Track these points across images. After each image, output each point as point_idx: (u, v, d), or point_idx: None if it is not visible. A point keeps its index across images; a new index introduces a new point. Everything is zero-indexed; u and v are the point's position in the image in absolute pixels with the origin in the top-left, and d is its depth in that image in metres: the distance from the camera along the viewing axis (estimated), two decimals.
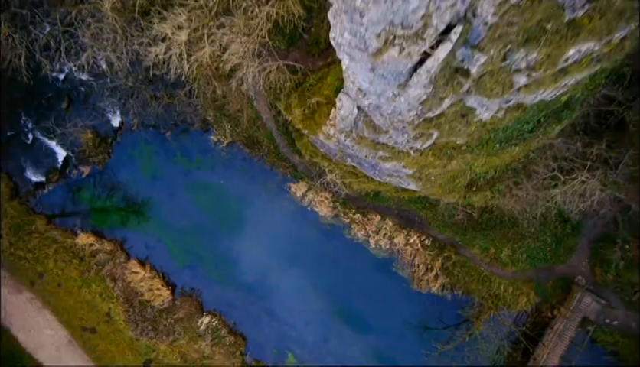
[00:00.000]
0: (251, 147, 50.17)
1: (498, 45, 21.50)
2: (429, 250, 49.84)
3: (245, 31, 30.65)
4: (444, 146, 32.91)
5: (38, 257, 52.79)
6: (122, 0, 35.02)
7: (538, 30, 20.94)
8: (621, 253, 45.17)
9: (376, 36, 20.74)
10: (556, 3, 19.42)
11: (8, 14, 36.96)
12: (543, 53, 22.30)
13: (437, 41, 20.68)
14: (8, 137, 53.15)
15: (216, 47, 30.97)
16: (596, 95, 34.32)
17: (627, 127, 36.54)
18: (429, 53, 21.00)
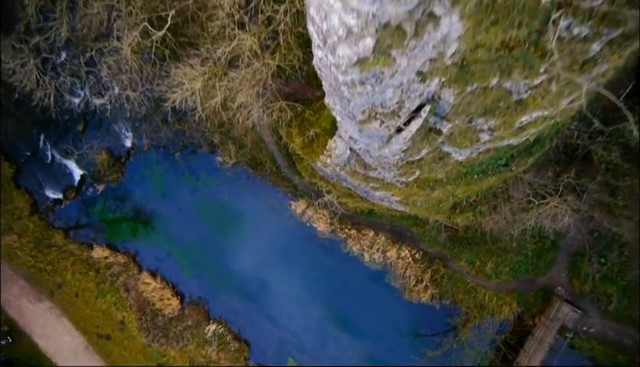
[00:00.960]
0: (254, 168, 53.76)
1: (462, 116, 26.96)
2: (419, 263, 53.47)
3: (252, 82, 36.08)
4: (426, 180, 37.96)
5: (57, 269, 56.37)
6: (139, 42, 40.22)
7: (493, 106, 26.42)
8: (597, 266, 48.79)
9: (361, 112, 26.28)
10: (504, 89, 24.90)
11: (39, 59, 42.39)
12: (500, 121, 27.78)
13: (410, 117, 26.31)
14: (28, 156, 57.06)
15: (226, 94, 36.41)
16: (565, 131, 39.76)
17: (593, 158, 41.97)
18: (405, 127, 26.63)
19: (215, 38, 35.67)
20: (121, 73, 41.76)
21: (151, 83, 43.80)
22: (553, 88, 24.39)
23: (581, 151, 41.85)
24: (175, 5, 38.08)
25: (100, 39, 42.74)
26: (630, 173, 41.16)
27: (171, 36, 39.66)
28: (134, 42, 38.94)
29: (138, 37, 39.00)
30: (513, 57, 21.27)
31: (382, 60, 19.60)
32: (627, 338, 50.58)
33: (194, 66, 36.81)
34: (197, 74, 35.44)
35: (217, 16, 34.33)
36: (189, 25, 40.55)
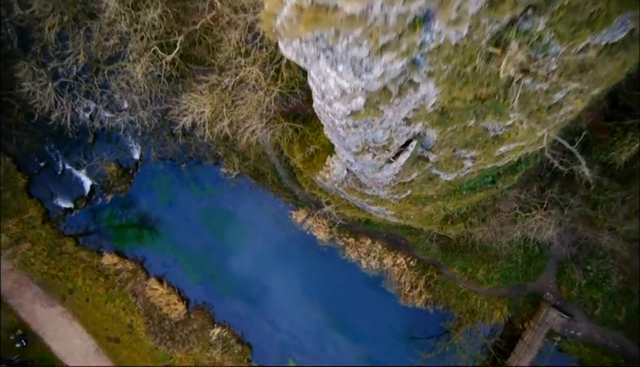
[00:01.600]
0: (257, 179, 57.04)
1: (446, 148, 31.07)
2: (414, 270, 56.69)
3: (256, 107, 40.15)
4: (418, 197, 41.79)
5: (68, 275, 59.56)
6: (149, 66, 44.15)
7: (473, 140, 30.55)
8: (583, 273, 52.29)
9: (355, 146, 30.45)
10: (482, 127, 29.01)
11: (57, 82, 46.46)
12: (480, 152, 31.91)
13: (399, 151, 30.49)
14: (40, 167, 60.43)
15: (232, 119, 40.50)
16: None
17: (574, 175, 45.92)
18: (395, 159, 30.82)
19: (222, 68, 39.53)
20: (132, 92, 45.33)
21: (159, 101, 47.57)
22: (525, 126, 28.42)
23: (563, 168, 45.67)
24: (184, 31, 41.84)
25: (113, 61, 46.44)
26: (610, 188, 44.72)
27: (179, 59, 43.61)
28: (145, 65, 42.72)
29: (148, 60, 42.78)
30: (485, 106, 25.29)
31: (372, 112, 23.72)
32: (612, 341, 53.91)
33: (203, 91, 40.71)
34: (205, 102, 39.38)
35: (225, 48, 38.20)
36: (196, 47, 44.50)
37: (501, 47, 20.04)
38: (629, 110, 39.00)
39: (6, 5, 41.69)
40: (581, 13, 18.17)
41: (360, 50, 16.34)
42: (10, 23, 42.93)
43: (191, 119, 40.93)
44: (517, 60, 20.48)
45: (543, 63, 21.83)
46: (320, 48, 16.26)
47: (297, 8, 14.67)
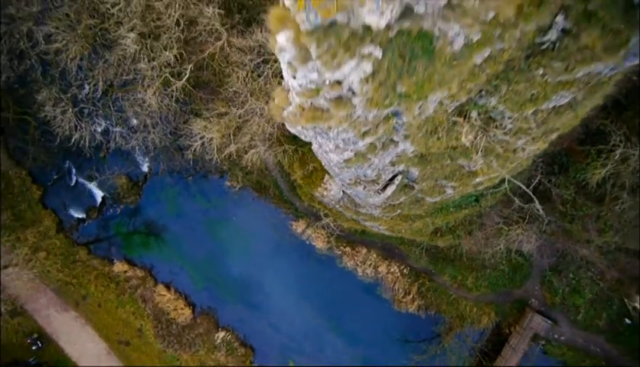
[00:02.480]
0: (259, 191, 61.53)
1: (428, 180, 36.95)
2: (407, 277, 61.34)
3: (259, 134, 46.07)
4: (407, 215, 47.75)
5: (81, 282, 64.04)
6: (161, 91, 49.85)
7: (451, 174, 36.49)
8: (566, 281, 57.31)
9: (349, 179, 36.51)
10: (458, 165, 35.12)
11: (77, 109, 52.34)
12: (459, 183, 37.86)
13: (387, 183, 36.54)
14: (54, 180, 65.17)
15: (239, 146, 46.39)
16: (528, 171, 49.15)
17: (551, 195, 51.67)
18: (383, 191, 36.85)
19: (230, 99, 45.37)
20: (145, 115, 51.07)
21: (169, 122, 53.29)
22: (495, 164, 34.43)
23: (542, 187, 51.40)
24: (193, 59, 47.58)
25: (126, 84, 52.07)
26: (585, 205, 50.41)
27: (188, 85, 49.33)
28: (157, 91, 48.43)
29: (160, 86, 48.52)
30: (457, 152, 31.22)
31: (361, 160, 29.65)
32: (594, 344, 58.98)
33: (212, 119, 46.62)
34: (214, 129, 45.30)
35: (233, 83, 44.07)
36: (203, 72, 50.20)
37: (463, 115, 25.96)
38: (603, 134, 43.24)
39: (32, 39, 47.11)
40: (523, 95, 24.05)
41: (347, 135, 22.38)
42: (35, 55, 48.24)
43: (201, 143, 46.63)
44: (476, 125, 26.39)
45: (501, 123, 27.75)
46: (317, 132, 22.26)
47: (300, 107, 20.57)
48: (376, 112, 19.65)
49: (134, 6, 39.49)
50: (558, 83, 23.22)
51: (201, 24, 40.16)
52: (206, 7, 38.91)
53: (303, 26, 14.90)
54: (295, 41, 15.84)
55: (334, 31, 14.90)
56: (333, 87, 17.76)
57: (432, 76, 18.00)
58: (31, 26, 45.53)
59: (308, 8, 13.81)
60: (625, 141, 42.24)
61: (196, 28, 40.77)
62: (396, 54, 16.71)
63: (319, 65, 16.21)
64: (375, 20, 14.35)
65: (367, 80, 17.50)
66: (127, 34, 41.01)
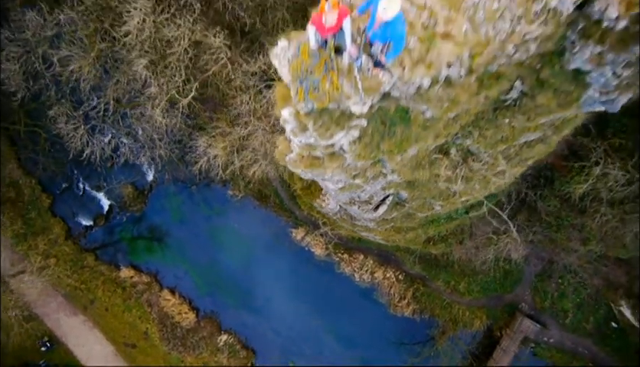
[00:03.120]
0: (260, 200, 64.77)
1: (417, 200, 41.42)
2: (402, 282, 64.54)
3: (261, 149, 50.52)
4: (400, 227, 52.41)
5: (89, 287, 67.10)
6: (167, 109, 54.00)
7: (438, 195, 40.86)
8: (555, 286, 61.15)
9: (344, 199, 41.16)
10: (445, 187, 39.70)
11: (89, 125, 56.87)
12: (446, 202, 42.34)
13: (379, 204, 41.15)
14: (63, 188, 68.99)
15: (243, 164, 50.91)
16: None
17: (537, 206, 56.12)
18: (375, 210, 41.45)
19: (234, 119, 49.82)
20: (152, 130, 55.33)
21: (174, 135, 57.69)
22: (477, 187, 39.01)
23: (528, 198, 55.81)
24: (198, 78, 51.87)
25: (133, 99, 56.42)
26: (569, 216, 54.66)
27: (193, 101, 53.57)
28: (163, 108, 52.69)
29: (166, 103, 52.81)
30: (441, 178, 35.93)
31: (354, 188, 34.24)
32: (582, 347, 62.56)
33: (216, 137, 51.12)
34: (219, 147, 49.84)
35: (236, 106, 48.54)
36: (207, 88, 54.45)
37: (443, 152, 30.57)
38: (586, 150, 47.00)
39: (47, 61, 51.56)
40: (493, 138, 28.62)
41: (340, 176, 27.03)
42: (50, 75, 52.66)
43: (206, 160, 51.19)
44: (455, 159, 31.00)
45: (478, 156, 32.36)
46: (314, 174, 26.90)
47: (300, 155, 25.13)
48: (364, 162, 24.20)
49: (145, 36, 43.39)
50: (524, 128, 27.64)
51: (208, 53, 44.20)
52: (213, 37, 42.97)
53: (302, 110, 19.48)
54: (296, 117, 20.31)
55: (327, 113, 19.31)
56: (327, 148, 22.29)
57: (410, 136, 22.37)
58: (46, 49, 49.13)
59: (306, 100, 18.39)
60: (606, 157, 45.73)
61: (203, 57, 44.72)
62: (378, 122, 21.17)
63: (315, 135, 20.72)
64: (359, 108, 18.84)
65: (354, 142, 21.90)
66: (138, 59, 44.96)
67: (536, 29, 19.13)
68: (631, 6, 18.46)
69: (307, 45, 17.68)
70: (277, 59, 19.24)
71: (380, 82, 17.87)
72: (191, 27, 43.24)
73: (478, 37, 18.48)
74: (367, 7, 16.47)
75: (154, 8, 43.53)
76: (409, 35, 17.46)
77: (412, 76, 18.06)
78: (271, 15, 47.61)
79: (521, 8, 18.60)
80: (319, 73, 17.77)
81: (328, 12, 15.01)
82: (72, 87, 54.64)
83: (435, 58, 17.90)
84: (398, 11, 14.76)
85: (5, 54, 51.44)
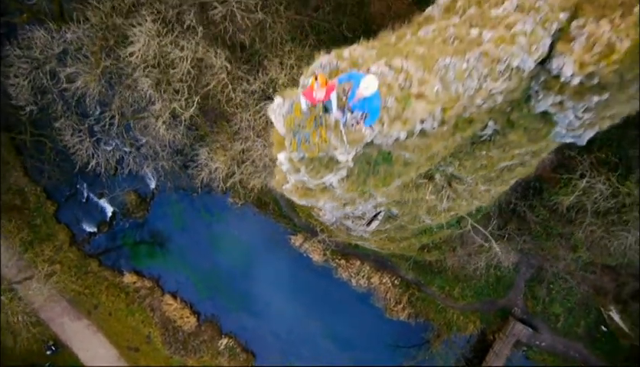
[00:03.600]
0: (260, 207, 67.23)
1: (407, 215, 44.68)
2: (398, 287, 66.97)
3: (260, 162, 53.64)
4: (394, 237, 55.75)
5: (93, 292, 69.62)
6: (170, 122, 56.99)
7: (427, 211, 44.21)
8: (546, 291, 63.99)
9: (338, 215, 44.52)
10: (433, 204, 43.03)
11: (94, 138, 59.72)
12: (435, 216, 45.57)
13: (371, 219, 44.50)
14: (67, 196, 71.86)
15: (242, 177, 54.15)
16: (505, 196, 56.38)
17: (526, 216, 59.37)
18: (369, 225, 44.76)
19: (235, 134, 52.99)
20: (155, 141, 58.26)
21: (176, 145, 60.68)
22: (464, 203, 42.31)
23: (519, 210, 59.00)
24: (200, 92, 54.79)
25: (137, 112, 59.45)
26: (557, 226, 57.75)
27: (195, 115, 56.53)
28: (166, 121, 55.66)
29: (169, 116, 55.79)
30: (427, 201, 39.20)
31: (350, 208, 37.67)
32: (572, 350, 65.44)
33: (217, 150, 54.35)
34: (219, 160, 53.07)
35: (236, 123, 51.72)
36: (209, 100, 57.25)
37: (428, 177, 33.89)
38: (574, 162, 49.91)
39: (54, 78, 54.68)
40: (473, 166, 31.96)
41: (332, 204, 30.39)
42: (57, 90, 55.76)
43: (208, 173, 54.45)
44: (440, 183, 34.31)
45: (461, 179, 35.67)
46: (308, 202, 30.23)
47: (295, 186, 28.50)
48: (352, 193, 27.56)
49: (150, 57, 46.58)
50: (501, 158, 30.98)
51: (209, 73, 47.39)
52: (215, 58, 46.17)
53: (295, 158, 22.83)
54: (290, 161, 23.68)
55: (317, 159, 22.49)
56: (318, 184, 25.71)
57: (393, 173, 25.53)
58: (53, 66, 52.23)
59: (299, 150, 21.78)
60: (592, 170, 48.99)
61: (205, 77, 47.90)
62: (363, 162, 24.38)
63: (307, 176, 24.12)
64: (344, 157, 22.16)
65: (343, 180, 25.06)
66: (143, 79, 48.16)
67: (501, 84, 22.31)
68: (584, 66, 21.65)
69: (299, 104, 21.00)
70: (273, 114, 22.54)
71: (362, 135, 21.13)
72: (194, 49, 45.93)
73: (448, 94, 21.72)
74: (348, 80, 19.87)
75: (158, 31, 46.17)
76: (387, 96, 20.73)
77: (390, 131, 21.30)
78: (270, 32, 50.09)
79: (487, 68, 21.79)
80: (310, 127, 21.04)
81: (318, 89, 18.37)
82: (78, 100, 56.96)
83: (410, 115, 21.13)
84: (375, 90, 18.19)
85: (14, 70, 53.96)
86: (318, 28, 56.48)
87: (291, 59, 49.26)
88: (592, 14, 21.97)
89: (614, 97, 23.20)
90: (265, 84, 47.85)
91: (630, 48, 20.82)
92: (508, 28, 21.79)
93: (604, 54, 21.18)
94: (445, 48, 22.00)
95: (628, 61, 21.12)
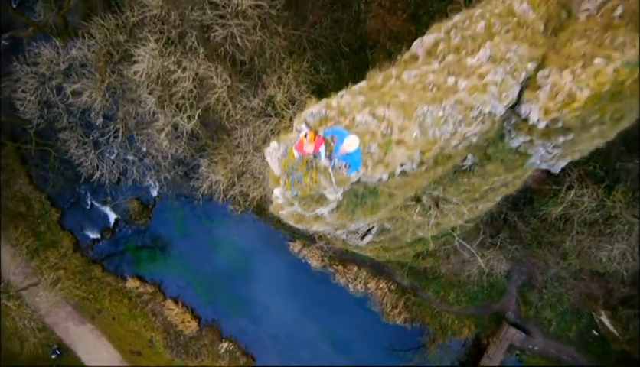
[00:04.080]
0: (259, 214, 68.90)
1: (399, 229, 47.85)
2: (394, 292, 68.78)
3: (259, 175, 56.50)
4: (388, 246, 58.58)
5: (97, 297, 71.95)
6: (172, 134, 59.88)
7: (418, 226, 47.45)
8: (539, 296, 66.50)
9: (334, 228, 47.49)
10: (421, 220, 46.10)
11: (98, 150, 62.91)
12: (426, 230, 48.70)
13: (365, 234, 47.55)
14: (71, 203, 74.93)
15: (242, 189, 57.17)
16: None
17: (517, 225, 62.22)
18: (362, 239, 47.80)
19: (234, 149, 55.91)
20: (158, 153, 61.35)
21: (178, 156, 63.62)
22: (452, 218, 45.29)
23: (509, 219, 61.87)
24: (201, 106, 57.58)
25: (140, 124, 62.39)
26: (547, 234, 60.38)
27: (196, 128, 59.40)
28: (168, 133, 58.50)
29: (171, 129, 58.68)
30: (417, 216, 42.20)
31: (341, 230, 40.65)
32: (564, 354, 67.94)
33: (217, 163, 57.32)
34: (220, 173, 56.06)
35: (236, 136, 54.64)
36: (209, 112, 60.10)
37: (415, 199, 36.95)
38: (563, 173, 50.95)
39: (61, 93, 57.61)
40: (457, 191, 35.03)
41: (325, 228, 33.56)
42: (63, 105, 58.74)
43: (209, 185, 57.45)
44: (427, 204, 37.35)
45: (448, 200, 38.69)
46: (303, 226, 33.38)
47: (290, 214, 31.70)
48: (343, 221, 30.71)
49: (153, 77, 49.57)
50: (482, 183, 34.08)
51: (211, 92, 50.31)
52: (216, 77, 49.13)
53: (289, 196, 26.09)
54: (285, 196, 27.00)
55: (309, 196, 25.99)
56: (311, 214, 28.95)
57: (379, 203, 28.55)
58: (60, 82, 55.12)
59: (292, 189, 25.01)
60: (579, 182, 51.39)
61: (206, 95, 50.85)
62: (352, 196, 27.39)
63: (300, 209, 27.33)
64: (333, 196, 25.39)
65: (333, 211, 28.51)
66: (147, 96, 51.17)
67: (474, 128, 25.42)
68: (548, 112, 24.80)
69: (292, 149, 24.22)
70: (269, 156, 25.70)
71: (348, 178, 24.30)
72: (195, 69, 48.93)
73: (426, 139, 24.81)
74: (332, 134, 23.16)
75: (161, 51, 49.18)
76: (371, 142, 23.83)
77: (373, 173, 24.42)
78: (268, 49, 52.90)
79: (461, 114, 24.91)
80: (302, 170, 24.20)
81: (307, 144, 21.64)
82: (82, 112, 60.30)
83: (391, 160, 24.24)
84: (356, 147, 21.44)
85: (22, 85, 57.19)
86: (316, 43, 58.74)
87: (289, 75, 51.69)
88: (556, 64, 24.71)
89: (578, 137, 26.09)
90: (263, 102, 50.33)
91: (589, 97, 23.53)
92: (481, 78, 24.58)
93: (566, 102, 23.91)
94: (425, 95, 24.88)
95: (588, 108, 23.87)
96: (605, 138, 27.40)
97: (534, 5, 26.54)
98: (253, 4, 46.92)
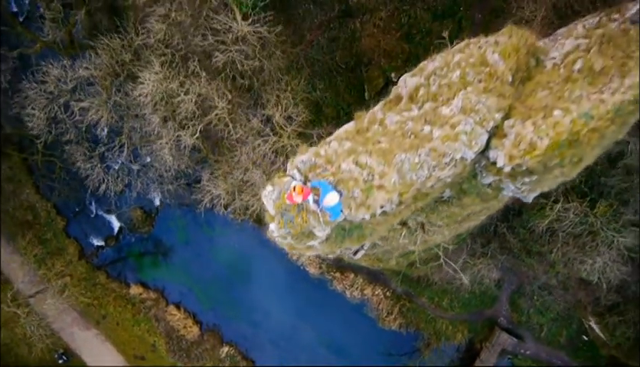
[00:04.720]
0: (259, 223, 69.78)
1: (389, 244, 51.98)
2: (390, 299, 71.21)
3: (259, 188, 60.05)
4: (382, 258, 62.19)
5: (101, 303, 74.61)
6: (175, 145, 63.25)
7: (409, 242, 51.44)
8: (530, 302, 69.58)
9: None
10: (412, 237, 50.02)
11: (104, 164, 66.80)
12: (418, 244, 52.78)
13: (357, 250, 51.46)
14: (76, 211, 78.23)
15: (242, 203, 61.01)
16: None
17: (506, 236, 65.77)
18: (355, 254, 51.74)
19: (235, 165, 59.62)
20: (161, 167, 65.06)
21: (180, 167, 67.17)
22: (439, 237, 49.20)
23: (500, 230, 65.58)
24: (203, 121, 61.14)
25: (144, 138, 66.07)
26: (536, 245, 63.77)
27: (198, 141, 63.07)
28: (171, 146, 62.19)
29: (174, 142, 62.38)
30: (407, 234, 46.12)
31: (332, 255, 44.55)
32: (555, 358, 70.91)
33: (218, 177, 61.15)
34: (221, 188, 59.91)
35: (237, 155, 58.47)
36: (211, 126, 63.75)
37: (402, 223, 40.90)
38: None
39: (68, 110, 61.39)
40: (439, 216, 39.04)
41: (317, 252, 37.69)
42: (70, 122, 62.45)
43: (210, 199, 61.31)
44: (413, 227, 41.31)
45: (433, 223, 42.63)
46: (297, 252, 37.56)
47: (283, 243, 35.74)
48: (332, 249, 34.81)
49: (158, 98, 53.41)
50: (461, 211, 38.11)
51: (212, 112, 54.08)
52: (218, 99, 52.84)
53: (283, 233, 30.29)
54: (279, 232, 31.18)
55: (301, 232, 30.20)
56: (303, 246, 33.09)
57: (364, 235, 32.61)
58: (68, 100, 58.77)
59: (285, 228, 29.21)
60: (564, 196, 54.26)
61: (208, 114, 54.61)
62: (339, 229, 31.26)
63: (293, 242, 31.51)
64: (321, 233, 29.52)
65: (322, 243, 32.68)
66: (152, 116, 55.01)
67: (447, 172, 29.38)
68: (512, 158, 28.86)
69: (285, 195, 28.38)
70: (265, 198, 29.84)
71: (333, 221, 28.56)
72: (197, 92, 52.77)
73: (404, 182, 28.76)
74: (318, 186, 27.29)
75: (166, 75, 53.06)
76: (354, 187, 27.87)
77: (357, 214, 28.40)
78: (267, 70, 56.59)
79: (435, 161, 28.96)
80: (294, 212, 28.27)
81: (296, 196, 25.81)
82: (88, 127, 64.04)
83: (372, 203, 28.20)
84: (337, 201, 25.63)
85: (30, 102, 61.08)
86: (313, 61, 62.17)
87: (287, 93, 55.59)
88: (520, 115, 28.65)
89: (542, 177, 30.05)
90: (262, 122, 54.11)
91: (549, 145, 27.50)
92: (453, 127, 28.53)
93: (528, 150, 27.84)
94: (403, 142, 28.86)
95: (548, 154, 27.82)
96: (566, 177, 31.07)
97: (505, 55, 30.11)
98: (252, 31, 49.96)
